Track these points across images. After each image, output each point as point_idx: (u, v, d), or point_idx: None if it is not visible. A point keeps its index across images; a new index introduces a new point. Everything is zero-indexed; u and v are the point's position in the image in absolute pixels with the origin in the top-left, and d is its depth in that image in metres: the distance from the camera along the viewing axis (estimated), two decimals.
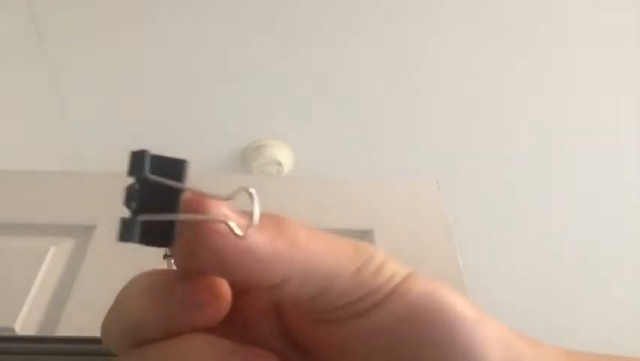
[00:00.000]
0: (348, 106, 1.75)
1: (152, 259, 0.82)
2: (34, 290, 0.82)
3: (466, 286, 0.86)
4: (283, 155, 1.84)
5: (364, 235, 0.92)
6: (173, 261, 0.72)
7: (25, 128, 1.56)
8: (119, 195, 1.00)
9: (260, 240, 0.28)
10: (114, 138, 1.78)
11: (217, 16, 1.56)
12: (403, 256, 0.86)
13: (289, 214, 0.88)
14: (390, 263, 0.32)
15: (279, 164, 1.83)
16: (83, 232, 0.91)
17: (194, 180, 0.98)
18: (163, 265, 0.71)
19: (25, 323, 0.79)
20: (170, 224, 0.28)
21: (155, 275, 0.32)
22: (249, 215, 0.29)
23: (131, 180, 0.30)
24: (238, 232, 0.27)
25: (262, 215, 0.30)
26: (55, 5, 1.52)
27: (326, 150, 1.85)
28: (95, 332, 0.74)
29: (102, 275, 0.85)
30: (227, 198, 0.30)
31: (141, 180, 0.28)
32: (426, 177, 1.05)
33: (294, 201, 1.00)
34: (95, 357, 0.72)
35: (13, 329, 0.78)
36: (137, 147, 0.30)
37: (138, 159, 0.29)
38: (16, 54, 1.51)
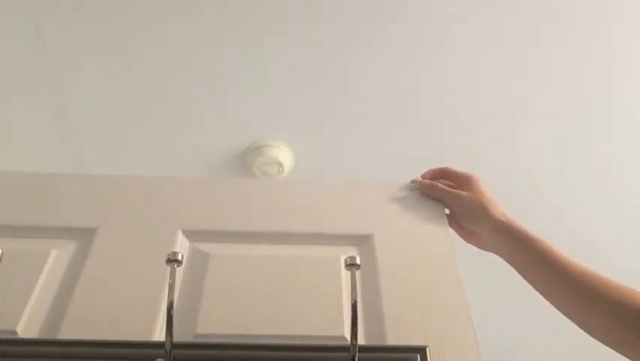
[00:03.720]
0: (349, 107, 1.76)
1: (153, 262, 0.84)
2: (36, 293, 0.83)
3: (465, 289, 0.87)
4: (284, 155, 1.84)
5: (364, 239, 0.92)
6: (176, 265, 0.73)
7: (25, 130, 1.57)
8: (121, 198, 1.00)
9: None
10: (115, 140, 1.79)
11: (218, 18, 1.57)
12: (403, 260, 0.87)
13: (289, 216, 0.89)
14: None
15: (280, 164, 1.84)
16: (85, 235, 0.91)
17: (196, 181, 0.97)
18: (165, 269, 0.72)
19: (27, 326, 0.79)
20: None
21: None
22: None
23: None
24: None
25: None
26: (55, 7, 1.53)
27: (327, 150, 1.86)
28: (97, 335, 0.75)
29: (103, 278, 0.85)
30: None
31: None
32: None
33: (294, 203, 1.00)
34: (96, 360, 0.73)
35: (15, 332, 0.78)
36: (137, 149, 0.30)
37: None
38: (17, 56, 1.51)
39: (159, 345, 0.70)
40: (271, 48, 1.63)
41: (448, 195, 1.00)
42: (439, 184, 1.02)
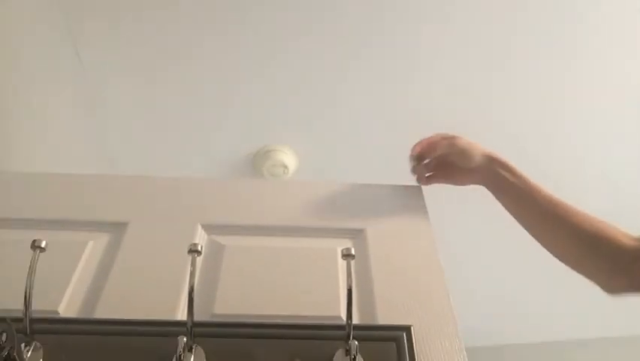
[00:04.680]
0: (346, 118, 1.76)
1: (176, 252, 0.84)
2: (75, 279, 0.83)
3: (444, 276, 0.87)
4: (289, 159, 1.85)
5: (358, 233, 0.92)
6: (196, 255, 0.72)
7: (67, 138, 1.57)
8: (149, 196, 1.00)
9: None
10: (144, 146, 1.79)
11: (230, 37, 1.57)
12: (392, 251, 0.87)
13: (294, 212, 0.89)
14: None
15: (285, 166, 1.84)
16: (117, 228, 0.91)
17: (213, 181, 0.97)
18: (186, 258, 0.72)
19: (67, 307, 0.80)
20: None
21: None
22: None
23: None
24: None
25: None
26: (92, 30, 1.53)
27: (326, 154, 1.86)
28: (128, 315, 0.75)
29: (134, 266, 0.85)
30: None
31: None
32: (412, 185, 1.05)
33: (298, 200, 1.00)
34: (128, 337, 0.73)
35: (57, 312, 0.78)
36: (163, 153, 0.29)
37: None
38: (58, 74, 1.51)
39: (182, 324, 0.70)
40: (276, 67, 1.63)
41: (444, 148, 1.01)
42: (434, 157, 1.03)
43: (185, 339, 0.69)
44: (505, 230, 1.01)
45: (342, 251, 0.73)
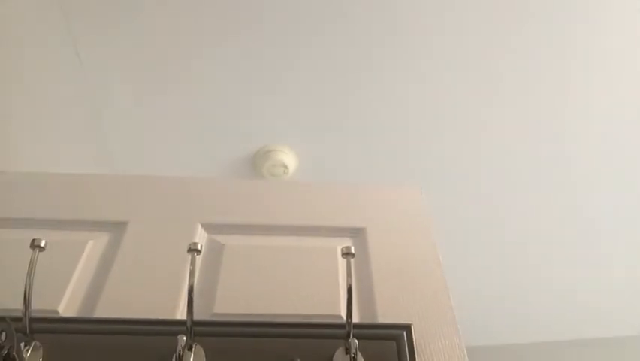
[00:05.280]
0: (345, 117, 1.76)
1: (176, 251, 0.84)
2: (75, 278, 0.83)
3: (443, 275, 0.87)
4: (288, 159, 1.85)
5: (358, 231, 0.92)
6: (196, 254, 0.73)
7: (67, 138, 1.57)
8: (149, 196, 1.01)
9: None
10: (144, 145, 1.79)
11: (230, 37, 1.57)
12: (391, 250, 0.87)
13: (293, 211, 0.89)
14: None
15: (285, 167, 1.84)
16: (117, 228, 0.91)
17: (213, 181, 0.98)
18: (186, 257, 0.72)
19: (67, 306, 0.79)
20: None
21: None
22: None
23: None
24: None
25: None
26: (93, 32, 1.53)
27: (326, 154, 1.86)
28: (128, 314, 0.75)
29: (133, 265, 0.85)
30: None
31: None
32: (411, 184, 1.04)
33: (297, 200, 1.00)
34: (128, 336, 0.73)
35: (57, 311, 0.78)
36: (163, 153, 0.30)
37: None
38: (58, 74, 1.51)
39: (181, 323, 0.70)
40: (276, 67, 1.64)
41: None
42: None
43: (184, 338, 0.68)
44: (503, 229, 1.00)
45: (342, 250, 0.72)
